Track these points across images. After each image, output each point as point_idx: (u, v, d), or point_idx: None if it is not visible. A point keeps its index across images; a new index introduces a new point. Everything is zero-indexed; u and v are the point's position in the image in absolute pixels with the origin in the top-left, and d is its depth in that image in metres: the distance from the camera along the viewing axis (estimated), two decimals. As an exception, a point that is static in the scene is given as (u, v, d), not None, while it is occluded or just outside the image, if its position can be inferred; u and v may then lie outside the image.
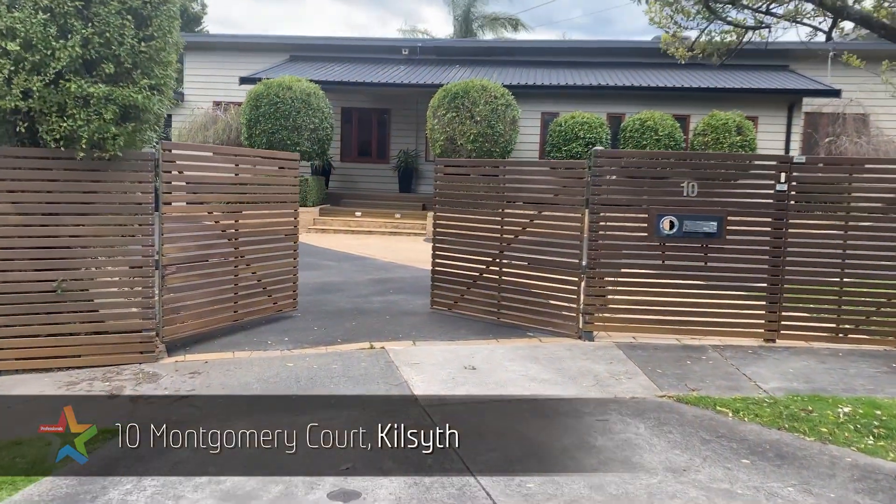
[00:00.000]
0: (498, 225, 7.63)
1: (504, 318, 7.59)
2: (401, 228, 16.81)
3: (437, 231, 8.24)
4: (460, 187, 8.15)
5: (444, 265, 8.21)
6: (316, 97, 16.92)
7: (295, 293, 7.89)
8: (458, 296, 8.04)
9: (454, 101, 16.08)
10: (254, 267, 7.24)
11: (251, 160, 7.24)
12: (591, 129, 16.73)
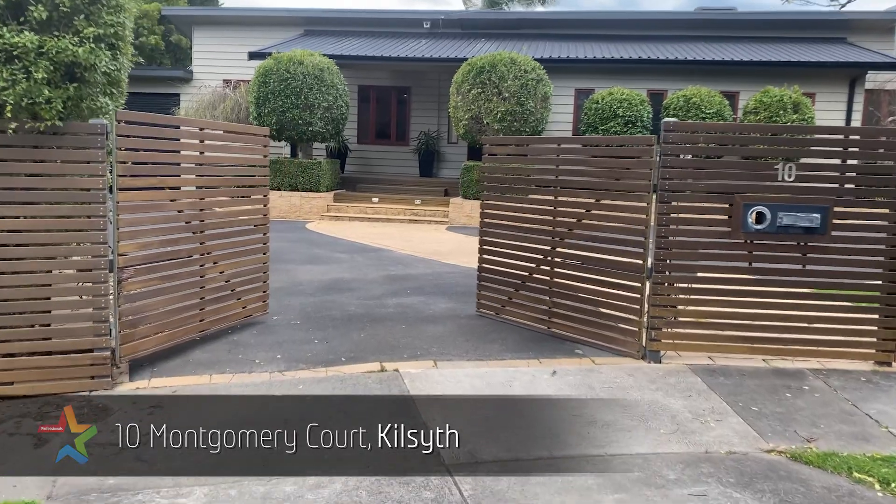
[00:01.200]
0: (550, 216, 6.27)
1: (555, 327, 6.25)
2: (421, 216, 15.47)
3: (485, 222, 6.93)
4: (510, 170, 6.79)
5: (490, 262, 6.93)
6: (330, 73, 15.57)
7: (266, 294, 6.63)
8: (506, 299, 6.73)
9: (480, 75, 14.63)
10: (222, 265, 5.96)
11: (217, 135, 5.89)
12: (630, 106, 15.19)
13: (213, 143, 5.70)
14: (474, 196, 15.05)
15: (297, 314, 6.87)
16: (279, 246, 11.36)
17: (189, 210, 5.49)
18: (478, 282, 7.04)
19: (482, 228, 6.98)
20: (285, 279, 8.65)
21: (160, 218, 5.22)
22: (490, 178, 6.90)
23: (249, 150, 6.27)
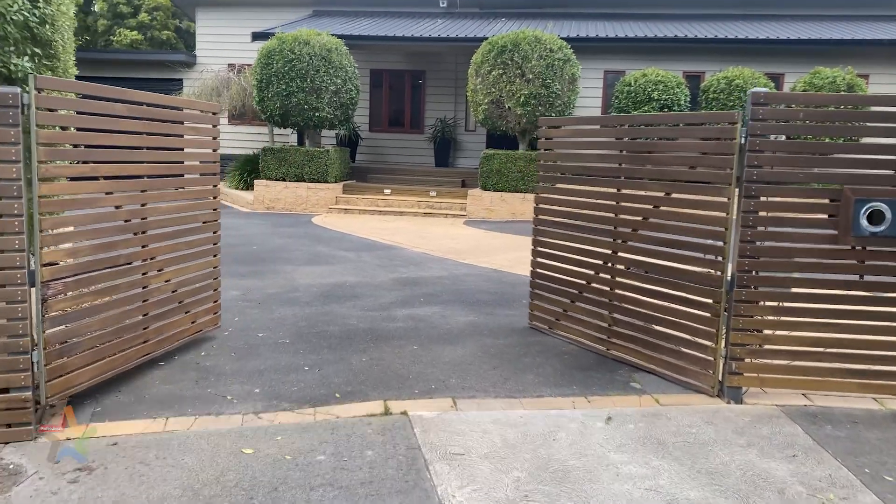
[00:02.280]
0: (612, 212, 5.09)
1: (615, 349, 5.09)
2: (436, 209, 14.28)
3: (539, 219, 5.84)
4: (567, 156, 5.60)
5: (545, 266, 5.83)
6: (338, 53, 14.38)
7: (217, 304, 5.51)
8: (561, 311, 5.62)
9: (501, 55, 13.37)
10: (168, 272, 4.82)
11: (159, 111, 4.68)
12: (666, 89, 13.88)
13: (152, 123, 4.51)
14: (494, 187, 13.85)
15: (287, 330, 5.73)
16: (280, 242, 10.24)
17: (129, 206, 4.32)
18: (530, 289, 5.95)
19: (536, 226, 5.87)
20: (281, 283, 7.52)
21: (94, 216, 4.07)
22: (545, 166, 5.74)
23: (197, 131, 5.09)
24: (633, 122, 4.94)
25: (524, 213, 13.75)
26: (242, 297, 6.83)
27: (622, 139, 5.02)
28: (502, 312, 6.44)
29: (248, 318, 6.08)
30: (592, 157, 5.32)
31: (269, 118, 14.60)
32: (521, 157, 13.74)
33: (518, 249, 10.14)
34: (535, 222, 5.87)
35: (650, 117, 4.87)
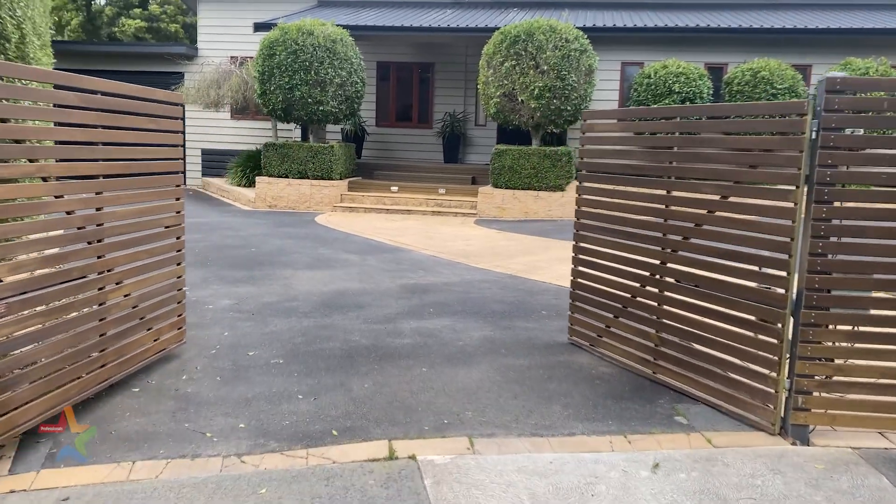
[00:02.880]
0: (661, 217, 4.45)
1: (661, 371, 4.47)
2: (446, 207, 13.65)
3: (581, 223, 5.23)
4: (613, 153, 4.98)
5: (586, 275, 5.22)
6: (343, 44, 13.75)
7: (181, 319, 4.93)
8: (604, 327, 5.00)
9: (514, 45, 12.70)
10: (128, 285, 4.22)
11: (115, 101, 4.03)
12: (688, 81, 13.19)
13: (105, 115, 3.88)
14: (506, 185, 13.20)
15: (281, 347, 5.11)
16: (280, 244, 9.64)
17: (82, 210, 3.71)
18: (571, 301, 5.36)
19: (577, 231, 5.27)
20: (278, 290, 6.91)
21: (42, 224, 3.46)
22: (588, 164, 5.11)
23: (156, 123, 4.46)
24: (684, 113, 4.29)
25: (537, 212, 13.10)
26: (235, 307, 6.23)
27: (672, 133, 4.36)
28: (520, 326, 5.81)
29: (238, 332, 5.48)
30: (639, 154, 4.67)
31: (272, 112, 13.99)
32: (535, 153, 13.08)
33: (533, 252, 9.50)
34: (577, 226, 5.26)
35: (704, 108, 4.21)
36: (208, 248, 9.27)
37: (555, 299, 6.79)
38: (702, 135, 4.16)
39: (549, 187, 13.10)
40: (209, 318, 5.88)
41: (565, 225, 12.19)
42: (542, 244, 10.20)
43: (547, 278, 7.78)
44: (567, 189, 13.17)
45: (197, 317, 5.90)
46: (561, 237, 10.77)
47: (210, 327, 5.60)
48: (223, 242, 9.74)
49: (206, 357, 4.87)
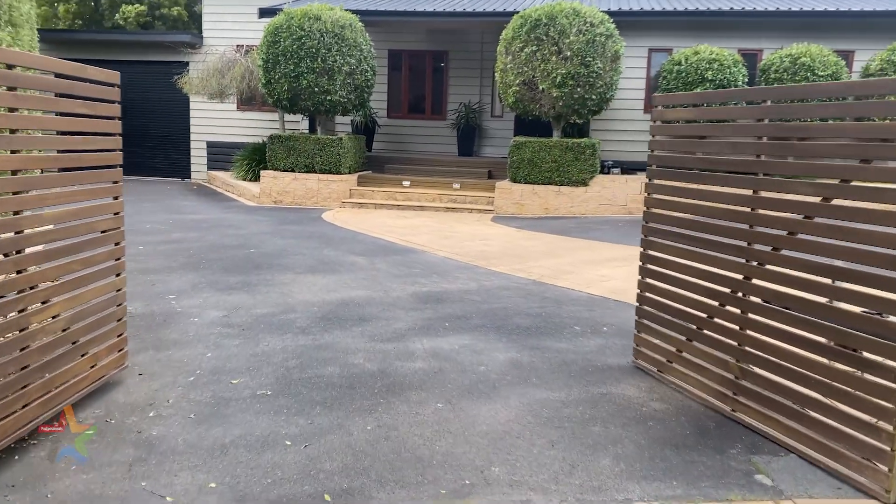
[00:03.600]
0: (745, 222, 3.64)
1: (741, 409, 3.67)
2: (460, 203, 12.84)
3: (650, 227, 4.44)
4: (688, 144, 4.18)
5: (655, 289, 4.44)
6: (352, 30, 12.95)
7: (123, 339, 4.18)
8: (674, 351, 4.23)
9: (535, 30, 11.84)
10: (56, 305, 3.47)
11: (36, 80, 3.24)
12: (722, 68, 12.26)
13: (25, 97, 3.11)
14: (525, 179, 12.37)
15: (271, 374, 4.34)
16: (282, 244, 8.89)
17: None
18: (637, 317, 4.60)
19: (645, 236, 4.50)
20: (275, 300, 6.15)
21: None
22: (659, 158, 4.32)
23: (91, 108, 3.69)
24: (778, 95, 3.45)
25: (558, 209, 12.26)
26: (224, 321, 5.47)
27: (761, 121, 3.53)
28: (551, 345, 5.01)
29: (223, 353, 4.72)
30: (720, 146, 3.85)
31: (277, 102, 13.23)
32: (556, 146, 12.23)
33: (557, 254, 8.67)
34: (645, 231, 4.49)
35: (807, 88, 3.38)
36: (204, 248, 8.53)
37: (587, 311, 5.98)
38: (795, 122, 3.32)
39: (572, 182, 12.25)
40: (192, 334, 5.13)
41: (589, 223, 11.34)
42: (566, 245, 9.37)
43: (575, 285, 6.96)
44: (591, 184, 12.32)
45: (179, 332, 5.15)
46: (586, 236, 9.94)
47: (192, 346, 4.85)
48: (221, 242, 9.00)
49: (181, 386, 4.11)
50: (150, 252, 8.22)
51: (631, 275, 7.44)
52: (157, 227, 10.15)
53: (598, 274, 7.50)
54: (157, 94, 18.20)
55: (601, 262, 8.12)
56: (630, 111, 13.96)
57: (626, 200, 12.36)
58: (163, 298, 6.13)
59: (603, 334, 5.31)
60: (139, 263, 7.58)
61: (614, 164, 13.35)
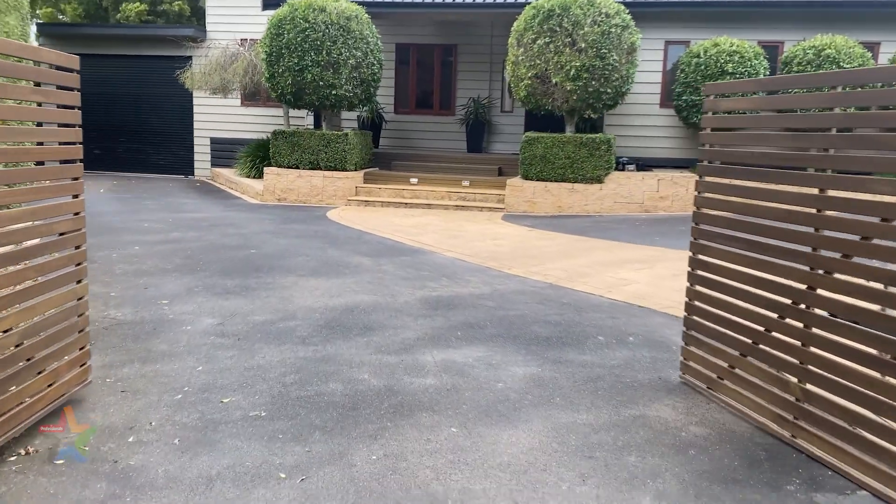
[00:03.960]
0: (810, 226, 3.21)
1: (803, 436, 3.24)
2: (470, 201, 12.41)
3: (699, 229, 4.01)
4: (743, 138, 3.76)
5: (706, 298, 3.98)
6: (358, 22, 12.53)
7: (85, 352, 3.79)
8: (726, 366, 3.80)
9: (548, 21, 11.39)
10: (8, 318, 3.09)
11: None
12: (742, 60, 11.81)
13: None
14: (537, 176, 11.93)
15: (267, 391, 3.94)
16: (284, 244, 8.49)
17: None
18: (684, 329, 4.17)
19: (695, 239, 4.05)
20: (274, 305, 5.74)
21: None
22: (713, 152, 3.90)
23: (46, 95, 3.27)
24: (853, 80, 3.01)
25: (572, 207, 11.82)
26: (218, 329, 5.07)
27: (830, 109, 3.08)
28: (574, 358, 4.58)
29: (216, 366, 4.31)
30: (781, 140, 3.41)
31: (280, 97, 12.83)
32: (570, 141, 11.78)
33: (573, 255, 8.24)
34: (695, 233, 4.03)
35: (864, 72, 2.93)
36: (202, 248, 8.14)
37: (610, 319, 5.54)
38: (874, 111, 2.88)
39: (586, 179, 11.79)
40: (184, 344, 4.73)
41: (605, 221, 10.89)
42: (582, 245, 8.93)
43: (595, 289, 6.53)
44: (606, 181, 11.86)
45: (169, 343, 4.75)
46: (603, 236, 9.49)
47: (182, 358, 4.45)
48: (221, 242, 8.61)
49: (166, 406, 3.71)
50: (145, 253, 7.83)
51: (654, 278, 7.02)
52: (155, 225, 9.77)
53: (619, 277, 7.05)
54: (160, 90, 17.85)
55: (620, 264, 7.68)
56: (645, 105, 13.50)
57: (642, 198, 11.90)
58: (155, 304, 5.73)
59: (629, 345, 4.88)
60: (133, 265, 7.19)
61: (629, 161, 12.89)
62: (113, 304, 5.71)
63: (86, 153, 3.58)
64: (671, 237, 9.51)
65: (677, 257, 8.10)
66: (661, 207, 11.89)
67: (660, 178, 11.96)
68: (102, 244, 8.25)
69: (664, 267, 7.57)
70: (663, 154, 13.50)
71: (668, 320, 5.55)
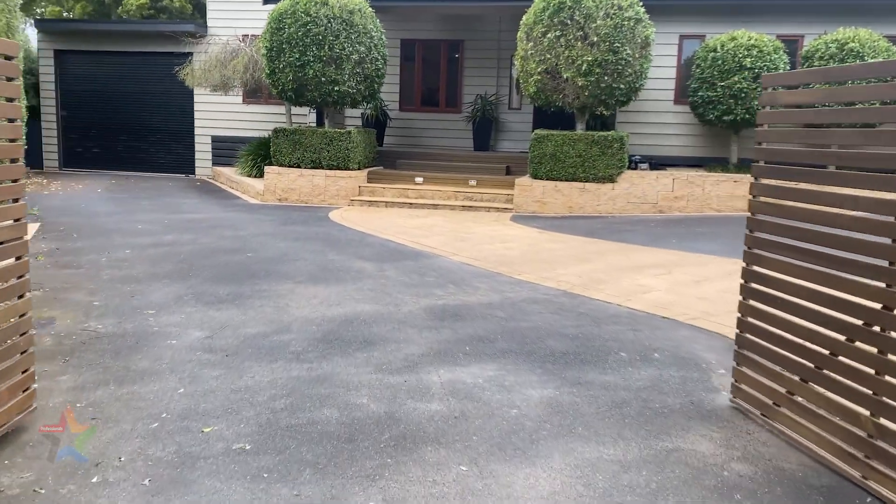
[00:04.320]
0: (886, 236, 2.77)
1: (876, 479, 2.81)
2: (477, 201, 11.98)
3: (754, 237, 3.56)
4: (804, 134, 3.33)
5: (761, 314, 3.54)
6: (362, 16, 12.11)
7: (29, 375, 3.37)
8: (784, 392, 3.37)
9: (559, 14, 10.93)
10: None
11: None
12: (761, 55, 11.32)
13: None
14: (547, 175, 11.48)
15: (254, 418, 3.52)
16: (283, 248, 8.08)
17: None
18: (736, 347, 3.73)
19: (749, 248, 3.60)
20: (268, 316, 5.33)
21: None
22: (771, 151, 3.46)
23: None
24: None
25: (583, 207, 11.37)
26: (206, 344, 4.66)
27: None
28: (595, 379, 4.14)
29: (200, 388, 3.90)
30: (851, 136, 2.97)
31: (281, 93, 12.42)
32: (581, 139, 11.32)
33: (587, 259, 7.79)
34: (750, 241, 3.59)
35: None
36: (196, 252, 7.74)
37: (631, 331, 5.11)
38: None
39: (598, 178, 11.34)
40: (167, 361, 4.32)
41: (618, 223, 10.45)
42: (595, 248, 8.49)
43: (612, 297, 6.09)
44: (618, 180, 11.41)
45: (151, 359, 4.35)
46: (617, 238, 9.05)
47: (163, 378, 4.04)
48: (217, 245, 8.21)
49: (140, 436, 3.30)
50: (136, 257, 7.43)
51: (674, 285, 6.58)
52: (149, 227, 9.38)
53: (637, 283, 6.62)
54: (161, 87, 17.47)
55: (638, 269, 7.24)
56: (659, 102, 13.02)
57: (656, 198, 11.44)
58: (140, 314, 5.33)
59: (655, 363, 4.45)
60: (122, 270, 6.80)
61: (642, 159, 12.42)
62: (95, 314, 5.31)
63: (85, 152, 3.16)
64: (688, 239, 9.06)
65: (696, 262, 7.67)
66: (676, 208, 11.43)
67: (675, 177, 11.49)
68: (92, 247, 7.87)
69: (684, 272, 7.13)
70: (677, 152, 13.03)
71: (695, 333, 5.11)
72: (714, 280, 6.80)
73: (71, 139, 17.99)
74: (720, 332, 5.15)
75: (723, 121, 11.60)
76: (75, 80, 17.89)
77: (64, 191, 13.71)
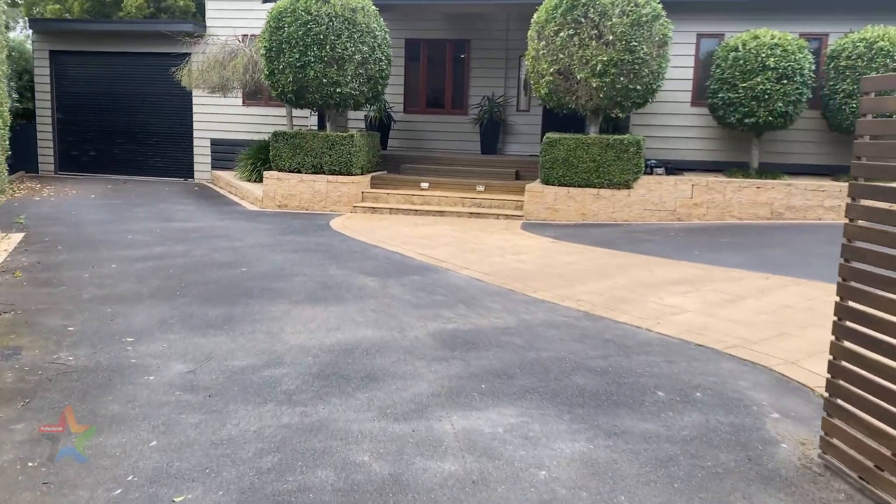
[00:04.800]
0: None
1: None
2: (485, 208, 11.43)
3: (851, 267, 3.04)
4: None
5: (859, 358, 2.99)
6: (365, 14, 11.57)
7: None
8: (889, 454, 2.78)
9: (572, 11, 10.38)
10: None
11: None
12: (785, 54, 10.74)
13: None
14: (559, 181, 10.93)
15: (234, 482, 2.97)
16: (280, 261, 7.54)
17: None
18: (827, 394, 3.19)
19: (844, 280, 3.06)
20: (259, 345, 4.79)
21: None
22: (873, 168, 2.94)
23: None
24: None
25: (598, 215, 10.81)
26: (187, 381, 4.12)
27: None
28: (632, 426, 3.59)
29: (175, 440, 3.36)
30: None
31: (281, 95, 11.90)
32: (595, 143, 10.77)
33: (608, 274, 7.23)
34: (844, 273, 3.05)
35: None
36: (187, 267, 7.21)
37: (666, 363, 4.55)
38: None
39: (613, 184, 10.78)
40: (140, 403, 3.78)
41: (636, 232, 9.88)
42: (615, 261, 7.93)
43: (640, 320, 5.54)
44: (635, 186, 10.85)
45: (123, 401, 3.81)
46: (637, 250, 8.48)
47: (134, 426, 3.50)
48: (209, 258, 7.68)
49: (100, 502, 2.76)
50: (121, 272, 6.91)
51: (705, 305, 6.02)
52: (140, 238, 8.86)
53: (664, 303, 6.06)
54: (158, 88, 16.96)
55: (664, 286, 6.68)
56: (675, 104, 12.44)
57: (675, 205, 10.87)
58: (118, 342, 4.80)
59: (698, 405, 3.89)
60: (104, 288, 6.27)
61: (658, 164, 11.86)
62: (68, 342, 4.78)
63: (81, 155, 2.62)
64: (712, 251, 8.50)
65: (724, 277, 7.11)
66: (696, 215, 10.87)
67: (694, 183, 10.93)
68: (75, 262, 7.34)
69: (713, 290, 6.57)
70: (695, 156, 12.45)
71: (738, 366, 4.55)
72: (747, 299, 6.24)
73: (67, 142, 17.50)
74: (764, 363, 4.59)
75: (744, 123, 11.02)
76: (71, 82, 17.40)
77: (56, 196, 13.20)
